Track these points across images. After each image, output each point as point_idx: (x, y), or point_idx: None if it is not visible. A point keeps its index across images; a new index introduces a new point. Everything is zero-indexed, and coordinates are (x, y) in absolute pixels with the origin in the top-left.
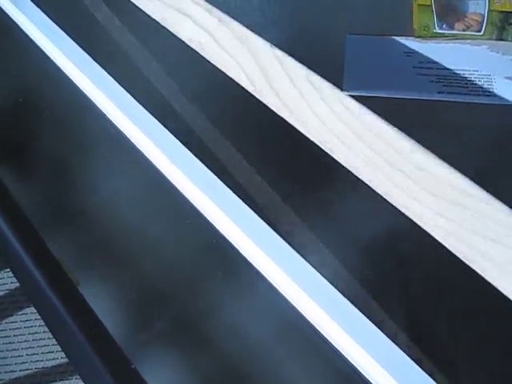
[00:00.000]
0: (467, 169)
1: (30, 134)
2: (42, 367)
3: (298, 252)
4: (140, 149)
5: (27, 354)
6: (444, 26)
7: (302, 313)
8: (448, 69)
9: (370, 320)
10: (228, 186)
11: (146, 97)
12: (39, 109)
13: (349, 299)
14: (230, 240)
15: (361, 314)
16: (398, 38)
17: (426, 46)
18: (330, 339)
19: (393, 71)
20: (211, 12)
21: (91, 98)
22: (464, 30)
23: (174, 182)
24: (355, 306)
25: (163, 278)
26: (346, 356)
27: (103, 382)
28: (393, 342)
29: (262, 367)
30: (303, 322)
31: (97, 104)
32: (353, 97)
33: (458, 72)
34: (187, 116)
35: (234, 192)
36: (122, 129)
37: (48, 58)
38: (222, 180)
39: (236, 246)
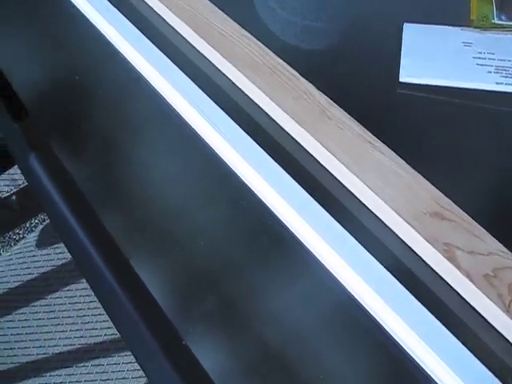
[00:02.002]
0: None
1: (84, 112)
2: (86, 343)
3: (353, 236)
4: (194, 128)
5: (71, 330)
6: (503, 17)
7: (355, 296)
8: (507, 60)
9: (423, 305)
10: (283, 168)
11: (201, 77)
12: (94, 87)
13: (403, 284)
14: (284, 222)
15: (415, 299)
16: (455, 28)
17: (485, 36)
18: (382, 323)
19: (450, 61)
20: None
21: (146, 77)
22: None
23: (227, 161)
24: (409, 291)
25: (216, 257)
26: (399, 342)
27: (154, 357)
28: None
29: (311, 351)
30: (355, 306)
31: (151, 83)
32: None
33: None
34: (241, 96)
35: (290, 174)
36: (176, 108)
37: (104, 37)
38: (276, 161)
39: (290, 228)
